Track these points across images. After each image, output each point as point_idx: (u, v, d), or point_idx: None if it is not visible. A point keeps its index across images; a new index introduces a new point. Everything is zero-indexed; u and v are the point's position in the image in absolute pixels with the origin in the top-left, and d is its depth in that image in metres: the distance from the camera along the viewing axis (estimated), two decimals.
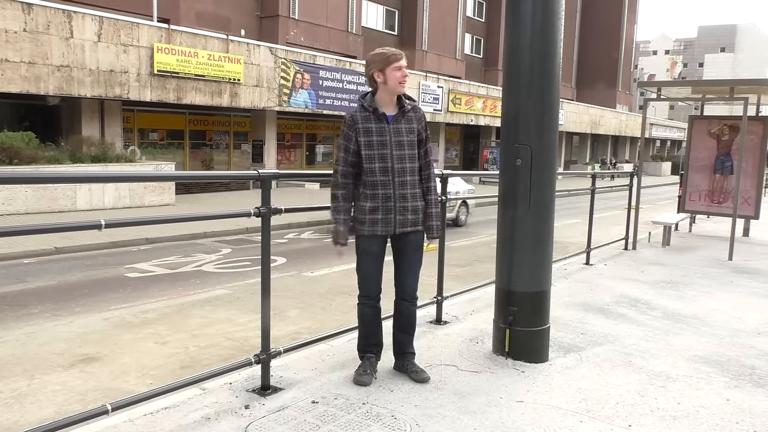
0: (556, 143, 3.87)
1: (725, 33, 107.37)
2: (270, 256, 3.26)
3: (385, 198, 3.32)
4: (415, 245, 3.48)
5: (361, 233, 3.40)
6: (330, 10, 27.83)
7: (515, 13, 3.66)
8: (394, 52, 3.34)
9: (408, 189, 3.36)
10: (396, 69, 3.31)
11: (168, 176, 10.42)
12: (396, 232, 3.38)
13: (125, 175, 3.52)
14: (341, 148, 3.40)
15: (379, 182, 3.31)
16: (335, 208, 3.40)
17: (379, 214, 3.34)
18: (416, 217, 3.41)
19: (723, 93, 9.79)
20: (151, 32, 16.57)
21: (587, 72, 53.61)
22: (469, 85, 30.66)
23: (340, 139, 3.41)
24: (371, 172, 3.32)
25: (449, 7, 36.77)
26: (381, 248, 3.44)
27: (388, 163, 3.30)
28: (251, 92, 19.12)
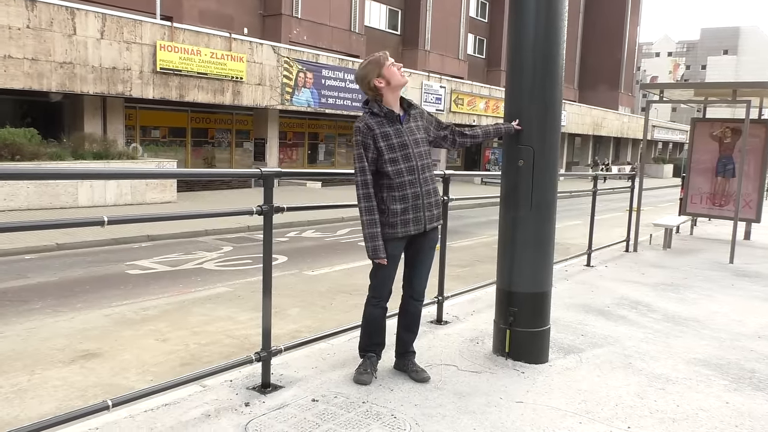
0: (558, 145, 3.88)
1: (728, 35, 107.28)
2: (272, 255, 3.27)
3: (415, 197, 3.34)
4: (433, 242, 3.55)
5: (393, 236, 3.32)
6: (333, 10, 27.84)
7: (518, 14, 3.67)
8: (380, 54, 3.39)
9: (431, 184, 3.44)
10: (391, 65, 3.34)
11: (170, 173, 10.41)
12: (427, 228, 3.42)
13: (127, 171, 3.54)
14: (359, 158, 3.29)
15: (407, 182, 3.30)
16: (369, 222, 3.28)
17: (410, 214, 3.33)
18: (439, 210, 3.53)
19: (725, 96, 9.79)
20: (154, 30, 16.59)
21: (590, 73, 53.58)
22: (472, 85, 30.65)
23: (356, 149, 3.30)
24: (398, 173, 3.28)
25: (452, 8, 36.76)
26: (401, 250, 3.47)
27: (412, 162, 3.32)
28: (254, 91, 19.13)
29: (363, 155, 3.28)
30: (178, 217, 3.12)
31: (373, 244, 3.28)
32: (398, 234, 3.33)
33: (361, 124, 3.31)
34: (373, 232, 3.27)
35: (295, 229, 12.42)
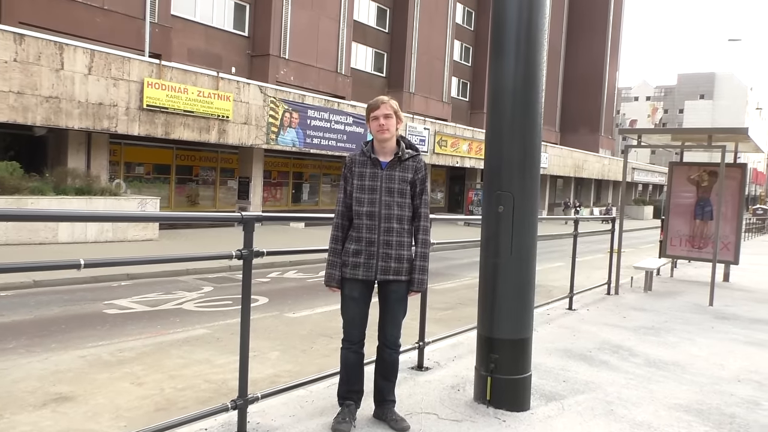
0: (538, 191, 3.92)
1: (704, 81, 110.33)
2: (250, 300, 3.24)
3: (369, 242, 3.34)
4: (397, 296, 3.44)
5: (344, 275, 3.41)
6: (320, 51, 28.27)
7: (498, 63, 3.75)
8: (372, 103, 3.43)
9: (394, 236, 3.36)
10: (373, 119, 3.39)
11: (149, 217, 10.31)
12: (377, 278, 3.38)
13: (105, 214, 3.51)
14: (340, 189, 3.50)
15: (364, 226, 3.35)
16: (332, 250, 3.45)
17: (361, 258, 3.35)
18: (400, 266, 3.39)
19: (701, 140, 10.02)
20: (142, 67, 16.70)
21: (571, 116, 54.63)
22: (455, 127, 31.08)
23: (341, 180, 3.50)
24: (358, 215, 3.38)
25: (437, 51, 37.52)
26: (363, 293, 3.42)
27: (375, 207, 3.34)
28: (239, 129, 19.23)
29: (343, 187, 3.46)
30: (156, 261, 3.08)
31: (328, 272, 3.45)
32: (347, 274, 3.38)
33: (349, 156, 3.46)
34: (332, 260, 3.43)
35: (277, 269, 12.34)
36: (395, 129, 3.40)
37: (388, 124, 3.35)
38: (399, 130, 3.46)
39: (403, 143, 3.46)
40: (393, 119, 3.38)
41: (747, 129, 8.87)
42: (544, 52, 3.70)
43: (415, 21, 35.24)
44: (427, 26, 36.30)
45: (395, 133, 3.41)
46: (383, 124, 3.34)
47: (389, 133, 3.36)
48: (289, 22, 26.48)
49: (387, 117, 3.35)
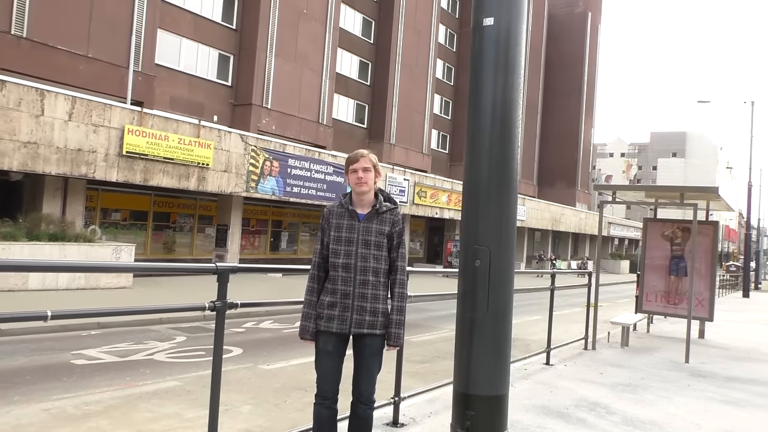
0: (515, 245, 3.94)
1: (676, 139, 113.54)
2: (223, 352, 3.17)
3: (344, 295, 3.31)
4: (372, 350, 3.39)
5: (319, 328, 3.37)
6: (302, 102, 28.68)
7: (474, 121, 3.83)
8: (351, 156, 3.47)
9: (369, 289, 3.34)
10: (352, 172, 3.42)
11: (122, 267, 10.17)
12: (351, 332, 3.34)
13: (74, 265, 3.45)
14: (317, 240, 3.49)
15: (340, 278, 3.33)
16: (307, 302, 3.42)
17: (336, 311, 3.32)
18: (374, 319, 3.35)
19: (674, 198, 10.23)
20: (124, 114, 16.76)
21: (548, 171, 55.66)
22: (435, 179, 31.45)
23: (318, 231, 3.50)
24: (334, 266, 3.37)
25: (417, 105, 38.28)
26: (338, 347, 3.38)
27: (351, 259, 3.33)
28: (219, 177, 19.24)
29: (320, 238, 3.46)
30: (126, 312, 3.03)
31: (302, 324, 3.41)
32: (321, 327, 3.35)
33: (327, 207, 3.49)
34: (306, 312, 3.40)
35: (252, 319, 12.14)
36: (373, 182, 3.43)
37: (366, 177, 3.38)
38: (377, 183, 3.49)
39: (381, 196, 3.48)
40: (371, 173, 3.41)
41: (717, 188, 9.09)
42: (520, 110, 3.79)
43: (396, 75, 36.04)
44: (408, 80, 37.13)
45: (373, 186, 3.44)
46: (362, 177, 3.37)
47: (367, 186, 3.39)
48: (273, 73, 26.91)
49: (366, 170, 3.39)
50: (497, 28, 3.46)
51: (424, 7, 38.48)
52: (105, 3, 20.70)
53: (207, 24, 25.48)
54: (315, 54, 29.32)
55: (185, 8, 24.63)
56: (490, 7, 3.45)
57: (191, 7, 24.89)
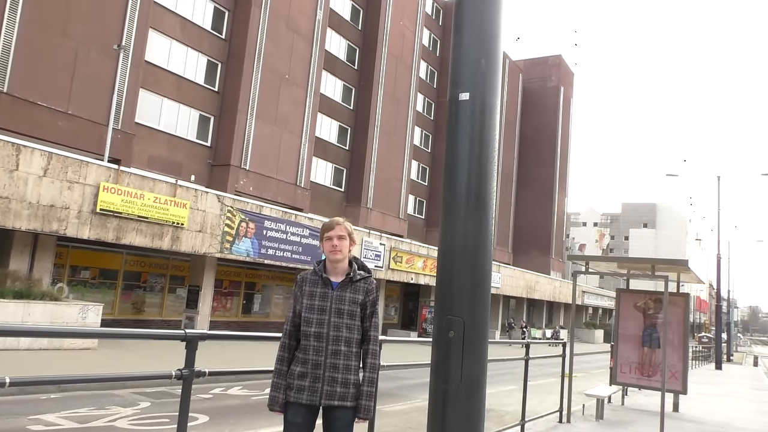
0: (488, 316, 3.93)
1: (647, 211, 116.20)
2: (187, 421, 3.05)
3: (315, 365, 3.25)
4: (342, 422, 3.30)
5: (288, 399, 3.28)
6: (281, 164, 28.91)
7: (449, 192, 3.88)
8: (327, 223, 3.47)
9: (341, 360, 3.28)
10: (327, 239, 3.41)
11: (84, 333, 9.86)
12: (322, 403, 3.25)
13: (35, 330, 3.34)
14: (289, 308, 3.44)
15: (311, 347, 3.27)
16: (276, 371, 3.34)
17: (306, 381, 3.24)
18: (346, 390, 3.28)
19: (646, 270, 10.38)
20: (100, 171, 16.68)
21: (523, 238, 56.29)
22: (411, 244, 31.55)
23: (291, 298, 3.45)
24: (306, 335, 3.31)
25: (395, 170, 38.84)
26: (307, 419, 3.28)
27: (324, 329, 3.28)
28: (194, 237, 19.06)
29: (293, 305, 3.41)
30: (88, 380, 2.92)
31: (272, 394, 3.32)
32: (290, 397, 3.27)
33: (300, 275, 3.44)
34: (276, 383, 3.31)
35: (220, 384, 11.78)
36: (348, 250, 3.42)
37: (341, 245, 3.38)
38: (352, 251, 3.49)
39: (356, 264, 3.47)
40: (346, 240, 3.41)
41: (687, 261, 9.27)
42: (495, 182, 3.86)
43: (374, 140, 36.69)
44: (386, 146, 37.79)
45: (348, 255, 3.44)
46: (336, 245, 3.37)
47: (342, 255, 3.39)
48: (252, 135, 27.21)
49: (341, 238, 3.39)
50: (472, 102, 3.56)
51: (404, 77, 39.64)
52: (89, 62, 20.96)
53: (189, 85, 25.85)
54: (295, 118, 29.82)
55: (169, 70, 25.02)
56: (465, 83, 3.57)
57: (175, 69, 25.30)
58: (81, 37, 20.82)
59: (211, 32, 26.92)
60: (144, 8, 22.84)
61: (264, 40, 27.73)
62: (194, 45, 26.06)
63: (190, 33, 25.87)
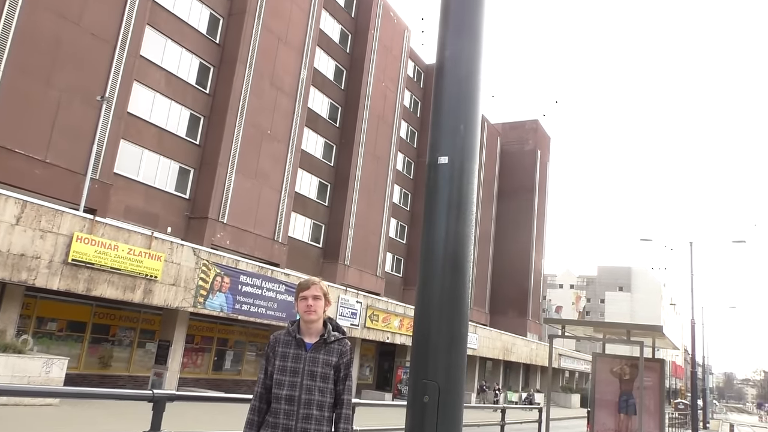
0: (464, 380, 3.87)
1: (622, 274, 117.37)
2: None
3: (285, 429, 3.15)
4: None
5: None
6: (259, 218, 28.84)
7: (427, 255, 3.89)
8: (303, 283, 3.44)
9: (312, 425, 3.19)
10: (301, 299, 3.37)
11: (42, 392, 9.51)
12: None
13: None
14: (261, 369, 3.36)
15: (282, 411, 3.18)
16: None
17: None
18: None
19: (621, 335, 10.39)
20: (74, 221, 16.45)
21: (500, 299, 56.27)
22: (387, 302, 31.31)
23: (262, 359, 3.37)
24: (277, 398, 3.22)
25: (373, 227, 38.93)
26: None
27: (295, 392, 3.20)
28: (167, 290, 18.71)
29: (264, 366, 3.33)
30: None
31: None
32: None
33: (273, 335, 3.37)
34: None
35: None
36: (323, 311, 3.38)
37: (316, 305, 3.34)
38: (327, 311, 3.45)
39: (330, 325, 3.42)
40: (321, 301, 3.37)
41: (662, 327, 9.30)
42: (472, 245, 3.87)
43: (354, 197, 36.89)
44: (366, 203, 37.99)
45: (322, 315, 3.39)
46: (311, 305, 3.33)
47: (316, 315, 3.34)
48: (232, 188, 27.22)
49: (316, 298, 3.35)
50: (451, 166, 3.62)
51: (384, 135, 40.30)
52: (71, 111, 21.01)
53: (171, 138, 25.95)
54: (275, 173, 29.96)
55: (151, 122, 25.15)
56: (444, 147, 3.63)
57: (157, 121, 25.43)
58: (65, 87, 20.92)
59: (196, 87, 27.26)
60: (130, 61, 23.12)
61: (248, 95, 28.13)
62: (178, 98, 26.31)
63: (174, 87, 26.15)
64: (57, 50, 20.78)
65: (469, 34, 3.76)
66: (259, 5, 28.95)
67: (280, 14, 30.41)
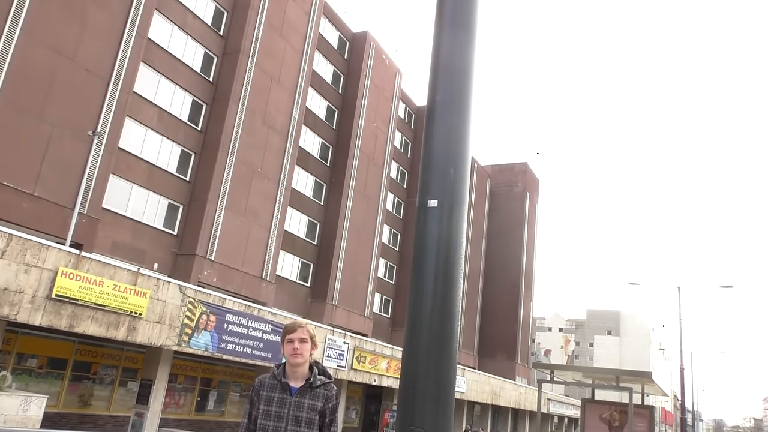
0: (452, 426, 3.80)
1: (611, 318, 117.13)
2: None
3: None
4: None
5: None
6: (247, 256, 28.65)
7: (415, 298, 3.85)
8: (289, 325, 3.39)
9: None
10: (288, 342, 3.32)
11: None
12: None
13: None
14: (244, 413, 3.29)
15: None
16: None
17: None
18: None
19: (610, 380, 10.29)
20: (60, 256, 16.25)
21: (489, 341, 55.85)
22: (375, 344, 30.94)
23: (246, 402, 3.32)
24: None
25: (362, 267, 38.77)
26: None
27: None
28: (151, 328, 18.40)
29: (248, 410, 3.27)
30: None
31: None
32: None
33: (258, 379, 3.32)
34: None
35: None
36: (309, 354, 3.32)
37: (302, 348, 3.28)
38: (313, 355, 3.39)
39: (316, 369, 3.36)
40: (308, 344, 3.32)
41: (651, 373, 9.23)
42: (461, 289, 3.85)
43: (343, 236, 36.82)
44: (355, 243, 37.91)
45: (308, 359, 3.33)
46: (297, 348, 3.27)
47: (302, 359, 3.28)
48: (221, 225, 27.11)
49: (302, 341, 3.30)
50: (440, 210, 3.62)
51: (375, 175, 40.51)
52: (62, 146, 21.00)
53: (161, 174, 25.93)
54: (265, 210, 29.92)
55: (142, 157, 25.16)
56: (434, 190, 3.64)
57: (148, 157, 25.45)
58: (56, 121, 20.96)
59: (188, 123, 27.39)
60: (123, 97, 23.25)
61: (239, 133, 28.29)
62: (170, 135, 26.41)
63: (166, 123, 26.28)
64: (51, 85, 20.88)
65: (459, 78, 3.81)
66: (254, 45, 29.39)
67: (274, 54, 30.85)
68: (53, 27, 21.02)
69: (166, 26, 26.46)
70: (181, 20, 27.12)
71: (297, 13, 32.81)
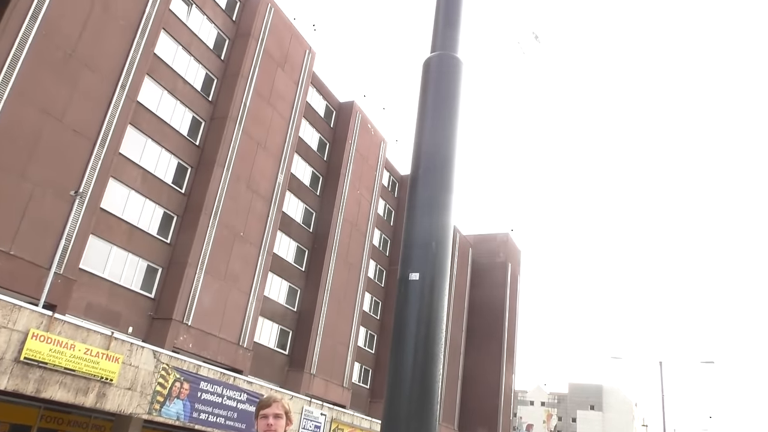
0: None
1: (593, 392, 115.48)
2: None
3: None
4: None
5: None
6: (225, 322, 28.11)
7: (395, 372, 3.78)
8: (264, 400, 3.32)
9: None
10: (262, 417, 3.24)
11: None
12: None
13: None
14: None
15: None
16: None
17: None
18: None
19: None
20: (32, 317, 15.82)
21: (470, 415, 54.56)
22: (353, 416, 30.11)
23: None
24: None
25: (342, 336, 38.15)
26: None
27: None
28: (121, 395, 17.77)
29: None
30: None
31: None
32: None
33: None
34: None
35: None
36: (284, 430, 3.22)
37: (276, 425, 3.19)
38: (288, 431, 3.28)
39: None
40: (283, 420, 3.23)
41: None
42: (441, 363, 3.79)
43: (324, 303, 36.39)
44: (335, 310, 37.44)
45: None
46: (272, 424, 3.18)
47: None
48: (199, 289, 26.71)
49: (277, 417, 3.21)
50: (422, 283, 3.61)
51: (357, 242, 40.51)
52: (43, 205, 20.82)
53: (142, 235, 25.70)
54: (245, 275, 29.61)
55: (123, 218, 24.99)
56: (416, 263, 3.63)
57: (129, 218, 25.29)
58: (39, 180, 20.86)
59: (172, 186, 27.42)
60: (108, 158, 23.31)
61: (223, 197, 28.34)
62: (153, 197, 26.36)
63: (150, 185, 26.28)
64: (36, 144, 20.91)
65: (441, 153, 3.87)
66: (242, 112, 29.88)
67: (261, 121, 31.35)
68: (44, 88, 21.25)
69: (156, 90, 26.89)
70: (171, 85, 27.60)
71: (285, 82, 33.61)
